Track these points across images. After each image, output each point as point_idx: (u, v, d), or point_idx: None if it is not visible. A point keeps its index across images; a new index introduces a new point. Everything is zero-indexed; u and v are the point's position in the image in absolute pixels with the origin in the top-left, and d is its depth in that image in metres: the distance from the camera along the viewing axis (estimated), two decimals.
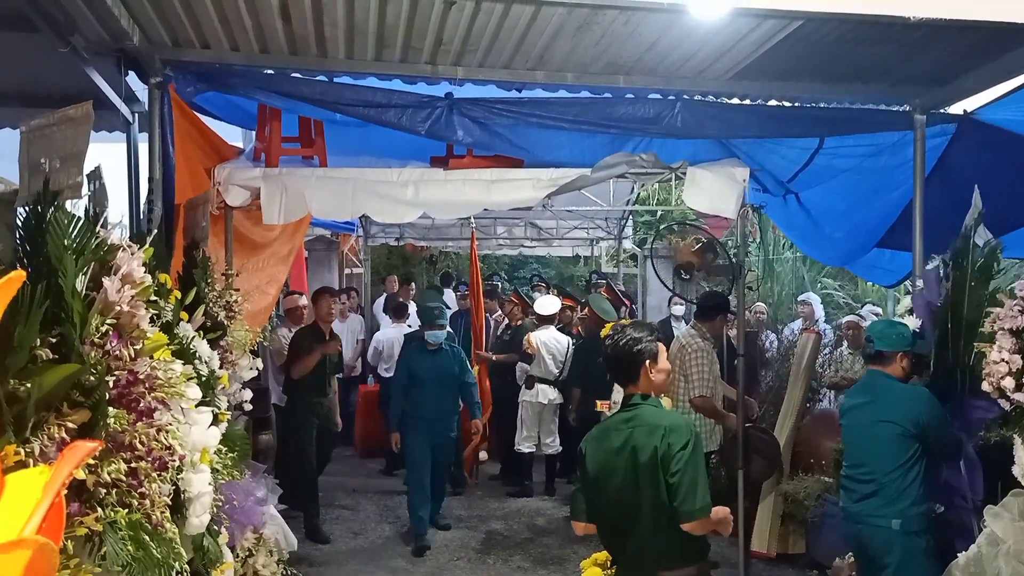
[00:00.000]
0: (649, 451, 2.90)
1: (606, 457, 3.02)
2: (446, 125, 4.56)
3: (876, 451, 3.81)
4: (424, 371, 6.43)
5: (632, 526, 2.99)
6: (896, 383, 3.90)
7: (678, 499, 2.86)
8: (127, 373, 1.99)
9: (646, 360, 3.02)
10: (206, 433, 2.48)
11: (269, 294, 6.09)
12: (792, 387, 6.12)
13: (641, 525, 2.96)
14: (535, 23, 3.81)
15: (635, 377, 3.05)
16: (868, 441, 3.87)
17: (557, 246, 13.40)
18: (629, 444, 2.95)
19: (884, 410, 3.81)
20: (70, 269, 1.89)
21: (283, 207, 4.74)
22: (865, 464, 3.86)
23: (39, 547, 0.62)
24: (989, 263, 3.95)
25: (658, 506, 2.91)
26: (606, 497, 3.03)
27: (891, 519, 3.70)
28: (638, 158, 4.91)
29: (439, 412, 6.46)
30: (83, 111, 2.34)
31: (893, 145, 5.03)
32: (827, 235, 6.49)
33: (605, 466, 3.02)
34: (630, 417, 3.01)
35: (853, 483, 3.93)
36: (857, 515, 3.87)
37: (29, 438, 1.67)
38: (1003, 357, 3.45)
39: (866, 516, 3.81)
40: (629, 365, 3.04)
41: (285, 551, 4.26)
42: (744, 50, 4.11)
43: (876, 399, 3.89)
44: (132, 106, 4.52)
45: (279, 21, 3.82)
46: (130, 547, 1.81)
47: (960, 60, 4.19)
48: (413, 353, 6.59)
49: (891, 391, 3.88)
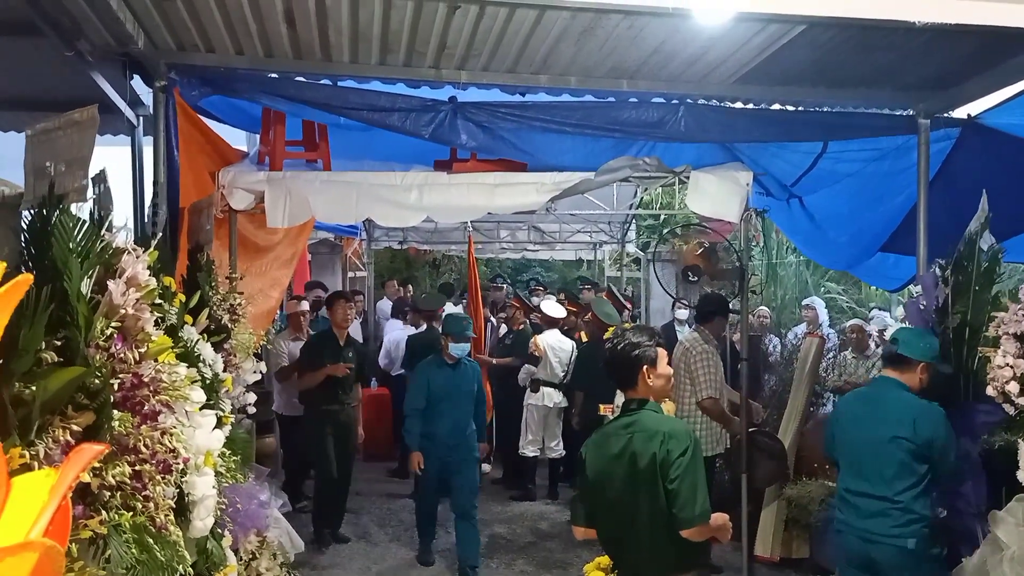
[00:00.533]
0: (648, 457, 2.90)
1: (605, 462, 3.02)
2: (450, 129, 4.57)
3: (887, 469, 3.66)
4: (442, 388, 5.87)
5: (630, 531, 2.98)
6: (911, 397, 3.74)
7: (677, 505, 2.86)
8: (132, 376, 2.00)
9: (644, 365, 3.01)
10: (210, 436, 2.48)
11: (273, 297, 6.10)
12: (796, 391, 6.11)
13: (639, 530, 2.96)
14: (539, 27, 3.81)
15: (633, 382, 3.04)
16: (877, 458, 3.70)
17: (560, 250, 13.42)
18: (628, 450, 2.95)
19: (896, 426, 3.65)
20: (75, 272, 1.90)
21: (287, 211, 4.74)
22: (872, 480, 3.71)
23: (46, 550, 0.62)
24: (992, 267, 3.95)
25: (656, 512, 2.91)
26: (605, 501, 3.03)
27: (907, 539, 3.59)
28: (642, 162, 4.91)
29: (457, 433, 5.90)
30: (88, 115, 2.35)
31: (897, 149, 5.03)
32: (831, 239, 6.48)
33: (604, 471, 3.02)
34: (630, 423, 3.01)
35: (859, 499, 3.77)
36: (867, 533, 3.71)
37: (34, 441, 1.67)
38: (1007, 362, 3.45)
39: (879, 535, 3.66)
40: (628, 370, 3.03)
41: (292, 553, 4.26)
42: (748, 54, 4.12)
43: (887, 413, 3.72)
44: (137, 110, 4.53)
45: (284, 25, 3.83)
46: (134, 550, 1.81)
47: (964, 64, 4.19)
48: (431, 369, 5.99)
49: (905, 405, 3.71)
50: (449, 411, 5.87)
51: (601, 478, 3.03)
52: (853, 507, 3.80)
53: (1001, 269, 3.99)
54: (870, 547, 3.71)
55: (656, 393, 3.07)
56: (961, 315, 3.98)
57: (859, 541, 3.76)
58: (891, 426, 3.66)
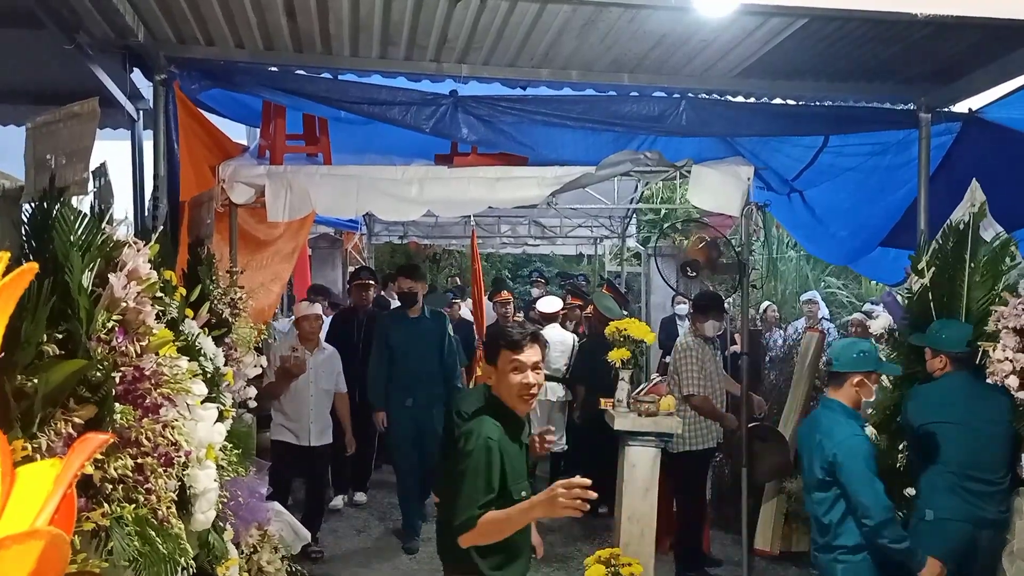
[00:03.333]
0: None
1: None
2: (451, 123, 4.56)
3: (818, 493, 3.56)
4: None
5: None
6: (831, 416, 3.53)
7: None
8: (133, 369, 2.00)
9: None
10: (211, 429, 2.48)
11: (273, 291, 6.09)
12: (796, 386, 6.11)
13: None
14: (540, 20, 3.80)
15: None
16: (809, 481, 3.62)
17: (561, 244, 13.40)
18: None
19: (817, 449, 3.52)
20: (76, 265, 1.90)
21: (288, 204, 4.74)
22: (809, 505, 3.66)
23: (51, 538, 0.62)
24: (1000, 257, 3.91)
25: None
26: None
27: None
28: (643, 156, 4.91)
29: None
30: (89, 107, 2.35)
31: (898, 143, 5.02)
32: (831, 233, 6.47)
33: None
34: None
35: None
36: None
37: (36, 433, 1.67)
38: (1007, 356, 3.46)
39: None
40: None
41: (297, 545, 4.26)
42: (749, 48, 4.11)
43: (813, 437, 3.57)
44: (137, 103, 4.53)
45: (284, 18, 3.82)
46: (136, 542, 1.82)
47: (966, 58, 4.18)
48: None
49: (822, 426, 3.55)
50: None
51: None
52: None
53: (1015, 260, 3.92)
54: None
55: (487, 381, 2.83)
56: (954, 303, 3.96)
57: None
58: (814, 449, 3.55)
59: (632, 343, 5.14)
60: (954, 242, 4.03)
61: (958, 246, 4.01)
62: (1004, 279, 3.86)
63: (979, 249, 3.95)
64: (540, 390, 2.70)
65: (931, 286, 4.07)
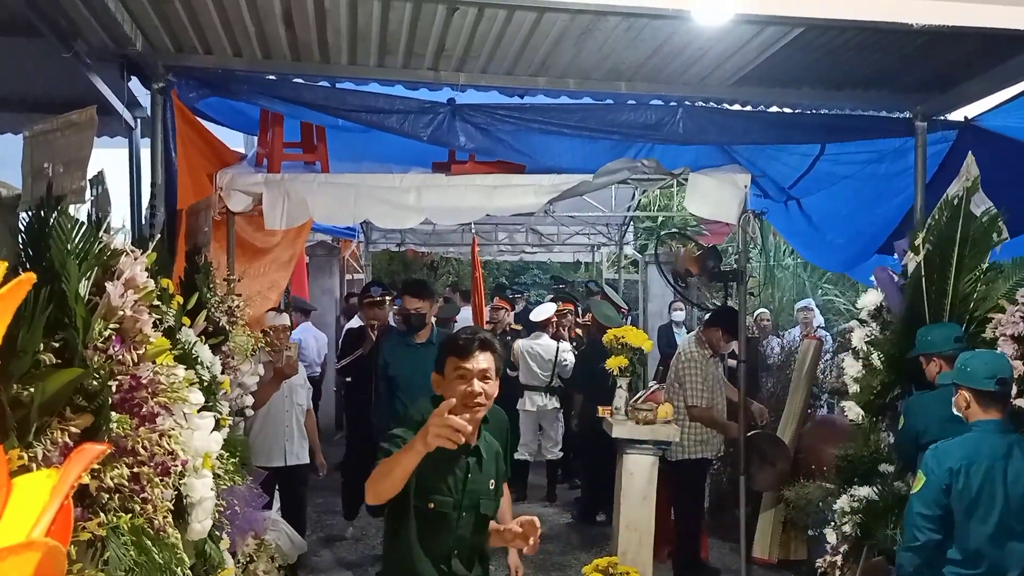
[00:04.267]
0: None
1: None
2: (448, 131, 4.56)
3: None
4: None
5: None
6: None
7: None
8: (130, 378, 1.99)
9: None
10: (208, 438, 2.47)
11: (270, 300, 6.09)
12: (793, 394, 6.12)
13: None
14: (537, 29, 3.81)
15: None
16: None
17: (558, 252, 13.43)
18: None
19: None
20: (73, 274, 1.89)
21: (285, 212, 4.74)
22: None
23: (48, 549, 0.62)
24: (988, 233, 3.92)
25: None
26: None
27: None
28: (640, 164, 4.91)
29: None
30: (87, 116, 2.35)
31: (894, 152, 5.03)
32: (828, 241, 6.48)
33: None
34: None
35: None
36: None
37: (32, 443, 1.66)
38: None
39: None
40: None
41: (294, 554, 4.25)
42: (746, 56, 4.12)
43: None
44: (134, 112, 4.52)
45: (282, 27, 3.82)
46: (132, 552, 1.81)
47: (962, 67, 4.20)
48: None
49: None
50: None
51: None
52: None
53: (1002, 236, 3.93)
54: None
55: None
56: (942, 284, 3.96)
57: None
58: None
59: (630, 351, 5.14)
60: (948, 216, 4.05)
61: (952, 220, 4.03)
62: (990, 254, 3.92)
63: (970, 223, 3.97)
64: (490, 400, 2.54)
65: (924, 262, 4.07)
